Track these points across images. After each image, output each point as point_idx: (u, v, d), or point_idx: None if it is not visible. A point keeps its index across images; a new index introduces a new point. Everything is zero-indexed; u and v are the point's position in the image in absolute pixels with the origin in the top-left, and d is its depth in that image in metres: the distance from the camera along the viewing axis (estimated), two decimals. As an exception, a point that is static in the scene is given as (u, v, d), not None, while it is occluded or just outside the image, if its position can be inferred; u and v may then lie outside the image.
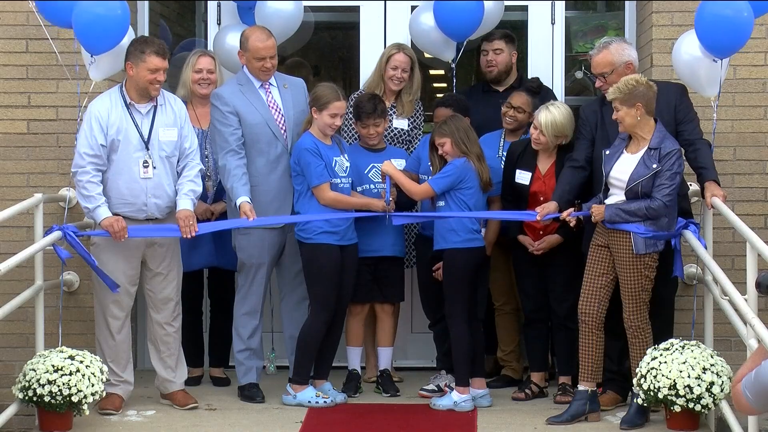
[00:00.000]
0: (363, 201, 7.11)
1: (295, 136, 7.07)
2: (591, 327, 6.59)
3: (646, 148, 6.48)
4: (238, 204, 6.89)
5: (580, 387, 6.64)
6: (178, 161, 6.86)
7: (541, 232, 7.08)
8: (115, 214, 6.70)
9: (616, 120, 6.51)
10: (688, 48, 6.85)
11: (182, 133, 6.85)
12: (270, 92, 7.16)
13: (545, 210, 6.75)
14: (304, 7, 7.84)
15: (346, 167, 7.05)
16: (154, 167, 6.74)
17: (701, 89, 6.93)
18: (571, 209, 6.71)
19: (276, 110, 7.12)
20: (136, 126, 6.75)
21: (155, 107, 6.81)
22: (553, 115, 6.98)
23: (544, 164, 7.12)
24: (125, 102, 6.77)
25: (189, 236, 6.73)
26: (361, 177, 7.27)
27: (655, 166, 6.42)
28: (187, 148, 6.87)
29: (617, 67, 6.78)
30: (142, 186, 6.73)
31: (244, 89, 7.10)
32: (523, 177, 7.13)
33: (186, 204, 6.77)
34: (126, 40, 6.95)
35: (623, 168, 6.50)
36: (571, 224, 6.72)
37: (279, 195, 7.08)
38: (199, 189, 6.89)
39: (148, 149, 6.75)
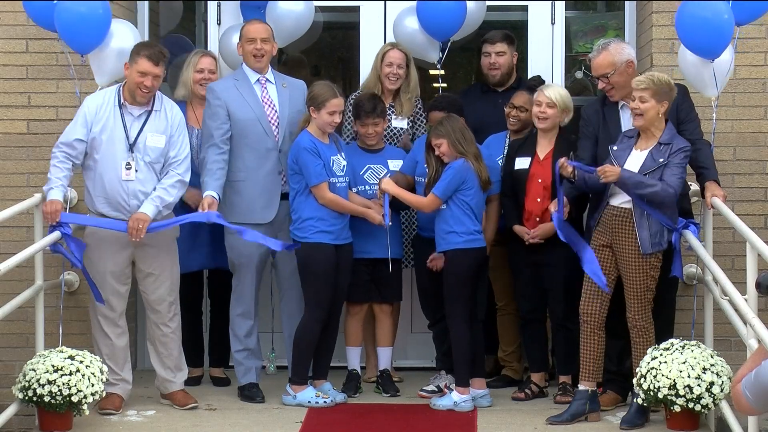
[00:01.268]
0: (361, 210, 7.09)
1: (288, 135, 7.07)
2: (593, 327, 6.59)
3: (655, 143, 6.48)
4: (203, 196, 6.89)
5: (581, 387, 6.64)
6: (163, 168, 6.85)
7: (537, 219, 7.06)
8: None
9: (634, 109, 6.45)
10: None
11: (171, 141, 6.82)
12: (266, 88, 7.16)
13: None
14: (306, 7, 7.86)
15: (343, 166, 7.05)
16: (137, 170, 6.73)
17: (704, 89, 6.94)
18: (565, 158, 6.65)
19: (270, 106, 7.12)
20: (125, 127, 6.74)
21: (149, 112, 6.81)
22: (557, 88, 7.03)
23: (543, 150, 7.10)
24: (119, 102, 6.77)
25: (134, 238, 6.64)
26: (356, 178, 7.26)
27: (662, 159, 6.42)
28: (172, 156, 6.83)
29: (618, 67, 6.79)
30: (123, 187, 6.71)
31: (238, 84, 7.11)
32: (522, 162, 7.13)
33: (147, 208, 6.70)
34: (122, 41, 6.98)
35: (633, 165, 6.48)
36: (568, 171, 6.60)
37: (265, 191, 7.08)
38: (169, 199, 6.79)
39: (132, 152, 6.74)
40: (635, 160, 6.50)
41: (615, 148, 6.59)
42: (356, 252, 7.19)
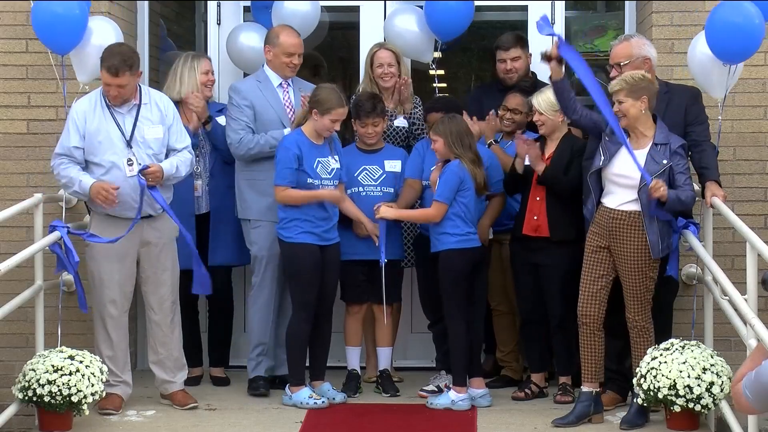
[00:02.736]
0: (317, 194, 6.90)
1: None
2: (592, 329, 6.58)
3: (651, 143, 6.47)
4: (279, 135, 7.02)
5: (584, 389, 6.62)
6: (167, 157, 6.83)
7: (535, 218, 7.05)
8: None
9: (616, 113, 6.48)
10: (704, 47, 6.88)
11: (170, 131, 6.82)
12: (288, 92, 7.30)
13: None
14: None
15: (332, 169, 7.00)
16: (140, 164, 6.71)
17: (711, 90, 6.95)
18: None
19: (291, 109, 7.24)
20: (118, 125, 6.72)
21: (138, 106, 6.78)
22: (543, 93, 7.02)
23: (548, 151, 7.10)
24: (106, 102, 6.75)
25: (151, 181, 6.61)
26: (350, 179, 7.25)
27: (665, 161, 6.41)
28: (179, 145, 6.83)
29: (634, 60, 6.79)
30: (130, 184, 6.69)
31: (261, 86, 7.25)
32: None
33: (165, 164, 6.71)
34: (103, 39, 6.97)
35: (630, 165, 6.46)
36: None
37: None
38: (183, 172, 6.81)
39: (131, 147, 6.72)
40: (630, 161, 6.47)
41: (607, 139, 6.58)
42: (350, 253, 7.18)
